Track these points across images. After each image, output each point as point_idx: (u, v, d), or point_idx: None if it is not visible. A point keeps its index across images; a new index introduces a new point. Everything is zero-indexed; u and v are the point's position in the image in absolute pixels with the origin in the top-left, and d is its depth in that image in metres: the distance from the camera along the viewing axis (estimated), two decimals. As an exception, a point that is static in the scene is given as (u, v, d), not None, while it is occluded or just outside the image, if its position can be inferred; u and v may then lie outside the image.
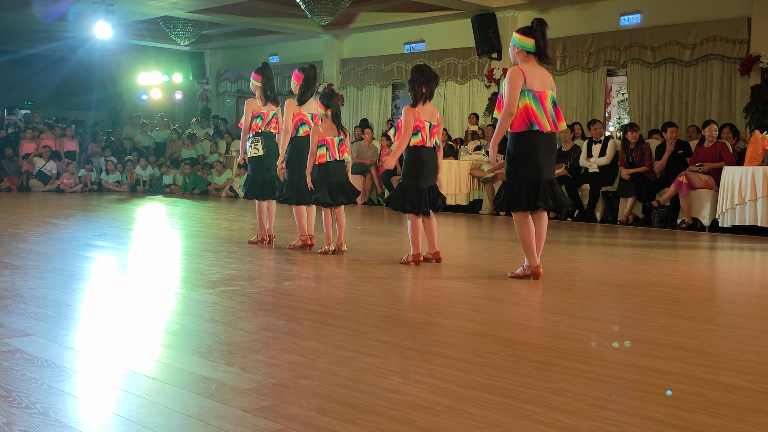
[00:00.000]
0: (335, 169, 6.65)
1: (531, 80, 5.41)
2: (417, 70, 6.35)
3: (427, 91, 6.27)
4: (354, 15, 15.89)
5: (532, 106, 5.38)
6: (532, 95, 5.40)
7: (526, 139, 5.43)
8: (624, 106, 14.75)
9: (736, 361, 3.44)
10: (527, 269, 5.58)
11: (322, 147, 6.61)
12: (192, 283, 5.31)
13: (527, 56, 5.49)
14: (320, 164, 6.66)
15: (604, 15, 13.09)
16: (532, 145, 5.44)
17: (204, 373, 3.07)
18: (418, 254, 6.28)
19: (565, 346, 3.64)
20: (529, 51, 5.47)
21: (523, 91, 5.39)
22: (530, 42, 5.45)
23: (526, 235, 5.53)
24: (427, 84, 6.27)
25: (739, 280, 6.34)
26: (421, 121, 6.19)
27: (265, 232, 7.46)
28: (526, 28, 5.52)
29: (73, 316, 4.13)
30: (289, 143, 6.99)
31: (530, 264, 5.57)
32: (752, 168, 9.03)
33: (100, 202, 13.34)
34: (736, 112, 11.63)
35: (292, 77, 7.20)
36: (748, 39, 11.45)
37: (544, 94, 5.45)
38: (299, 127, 6.96)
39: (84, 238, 7.80)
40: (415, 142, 6.17)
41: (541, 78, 5.47)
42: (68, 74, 20.23)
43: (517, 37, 5.52)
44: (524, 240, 5.55)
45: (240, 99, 21.19)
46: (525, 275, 5.59)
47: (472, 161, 12.85)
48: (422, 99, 6.25)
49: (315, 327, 3.94)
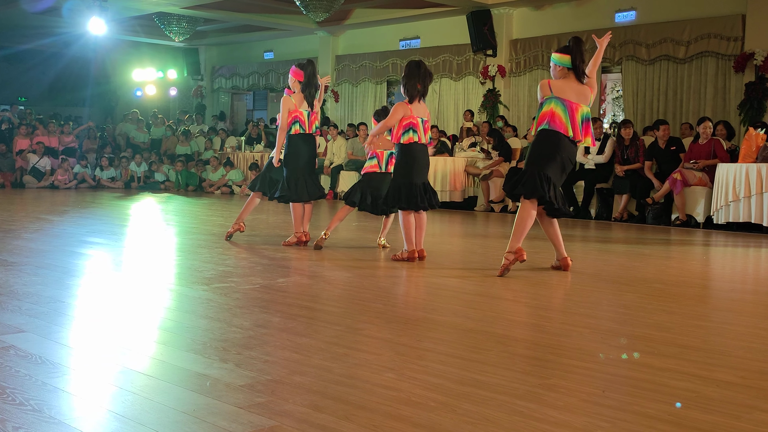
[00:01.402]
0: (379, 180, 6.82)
1: (562, 90, 5.61)
2: (414, 66, 6.34)
3: (422, 88, 6.27)
4: (349, 11, 15.88)
5: (558, 111, 5.58)
6: (561, 103, 5.58)
7: (547, 136, 5.61)
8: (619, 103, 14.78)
9: (730, 358, 3.45)
10: (510, 255, 5.58)
11: (372, 159, 6.85)
12: (186, 280, 5.31)
13: (567, 73, 5.69)
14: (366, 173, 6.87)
15: (598, 12, 13.11)
16: (554, 142, 5.60)
17: (198, 370, 3.07)
18: (413, 251, 6.28)
19: (559, 343, 3.65)
20: (568, 67, 5.66)
21: (549, 99, 5.62)
22: (567, 58, 5.66)
23: (525, 221, 5.61)
24: (422, 81, 6.27)
25: (733, 276, 6.36)
26: (414, 118, 6.20)
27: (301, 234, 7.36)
28: (563, 47, 5.75)
29: (67, 313, 4.13)
30: (286, 141, 6.98)
31: (511, 248, 5.60)
32: (746, 165, 9.05)
33: (95, 198, 13.31)
34: (731, 109, 11.66)
35: (289, 73, 7.16)
36: (742, 36, 11.48)
37: (577, 106, 5.61)
38: (293, 125, 6.94)
39: (78, 235, 7.78)
40: (408, 140, 6.19)
41: (579, 91, 5.64)
42: (62, 70, 20.18)
43: (556, 55, 5.76)
44: (521, 225, 5.61)
45: (235, 95, 21.17)
46: (510, 263, 5.57)
47: (467, 158, 12.85)
48: (417, 96, 6.25)
49: (310, 323, 3.95)
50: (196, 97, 20.90)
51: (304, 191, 6.94)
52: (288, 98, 7.02)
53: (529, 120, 13.65)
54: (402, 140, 6.20)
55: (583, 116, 5.62)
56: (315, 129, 7.06)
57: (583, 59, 5.65)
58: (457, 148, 13.37)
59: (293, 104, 6.96)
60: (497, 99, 14.44)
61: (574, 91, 5.62)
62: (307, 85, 7.02)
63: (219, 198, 14.34)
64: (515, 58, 14.31)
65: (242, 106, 21.82)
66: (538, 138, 5.70)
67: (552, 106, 5.59)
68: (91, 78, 20.26)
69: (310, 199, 7.06)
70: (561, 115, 5.56)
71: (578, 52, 5.62)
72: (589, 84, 5.68)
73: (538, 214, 5.76)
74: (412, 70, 6.29)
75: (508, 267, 5.59)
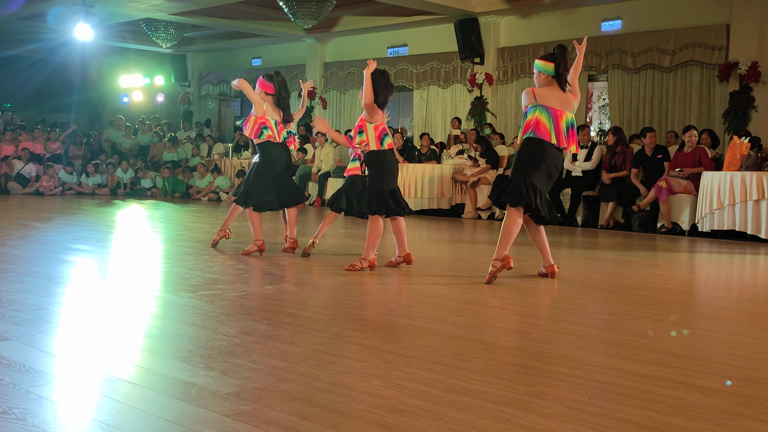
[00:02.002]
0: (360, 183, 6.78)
1: (546, 98, 5.62)
2: (377, 74, 6.22)
3: (384, 100, 6.23)
4: (337, 18, 15.90)
5: (543, 119, 5.60)
6: (546, 111, 5.60)
7: (534, 143, 5.63)
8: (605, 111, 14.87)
9: (714, 365, 3.47)
10: (497, 263, 5.60)
11: (355, 161, 6.81)
12: (172, 287, 5.28)
13: (551, 80, 5.71)
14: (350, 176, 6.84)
15: (585, 20, 13.19)
16: (541, 149, 5.62)
17: (184, 378, 3.06)
18: (373, 260, 6.21)
19: (546, 350, 3.66)
20: (552, 75, 5.69)
21: (533, 106, 5.64)
22: (550, 66, 5.68)
23: (512, 229, 5.62)
24: (386, 91, 6.21)
25: (717, 284, 6.40)
26: (384, 126, 6.20)
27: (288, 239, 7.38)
28: (548, 55, 5.76)
29: (51, 320, 4.10)
30: (260, 147, 6.95)
31: (498, 256, 5.61)
32: (731, 173, 9.11)
33: (80, 205, 13.25)
34: (715, 118, 11.75)
35: (257, 84, 7.09)
36: (726, 46, 11.58)
37: (561, 113, 5.63)
38: (263, 130, 6.87)
39: (63, 242, 7.74)
40: (388, 144, 6.16)
41: (563, 99, 5.66)
42: (48, 76, 20.08)
43: (540, 63, 5.76)
44: (507, 233, 5.62)
45: (222, 102, 21.14)
46: (497, 270, 5.58)
47: (454, 165, 12.88)
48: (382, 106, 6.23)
49: (296, 331, 3.94)
50: (183, 104, 20.86)
51: (273, 199, 6.89)
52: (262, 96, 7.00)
53: (516, 128, 13.70)
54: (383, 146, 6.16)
55: (567, 123, 5.65)
56: (284, 138, 6.99)
57: (566, 68, 5.67)
58: (444, 156, 13.40)
59: (263, 111, 6.90)
60: (485, 107, 14.50)
61: (557, 98, 5.65)
62: (279, 97, 6.97)
63: (206, 205, 14.30)
64: (502, 66, 14.37)
65: (230, 113, 21.80)
66: (523, 146, 5.72)
67: (536, 114, 5.61)
68: (77, 84, 20.18)
69: (281, 207, 7.02)
70: (545, 122, 5.59)
71: (562, 60, 5.64)
72: (572, 91, 5.71)
73: (525, 221, 5.79)
74: (378, 78, 6.21)
75: (495, 274, 5.60)
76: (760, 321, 4.67)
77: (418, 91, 15.86)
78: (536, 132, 5.59)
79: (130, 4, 13.82)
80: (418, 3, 13.28)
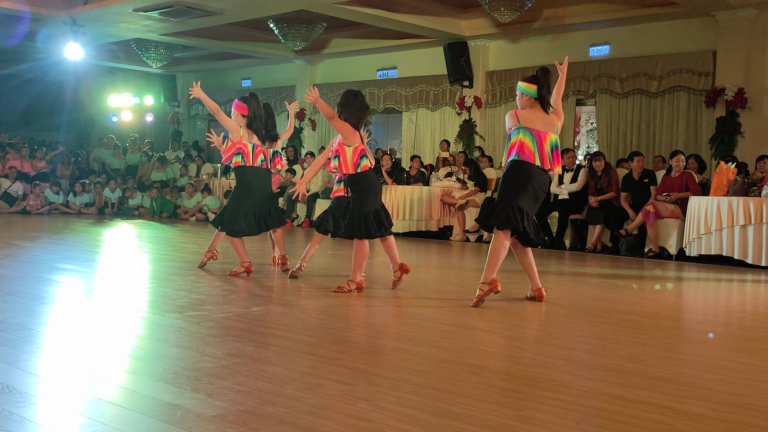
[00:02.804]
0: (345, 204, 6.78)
1: (530, 120, 5.64)
2: (351, 95, 6.20)
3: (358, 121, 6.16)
4: (327, 41, 15.98)
5: (527, 141, 5.61)
6: (530, 133, 5.61)
7: (520, 166, 5.63)
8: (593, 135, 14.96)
9: (701, 390, 3.47)
10: (484, 286, 5.58)
11: (340, 183, 6.81)
12: (159, 308, 5.25)
13: (533, 102, 5.73)
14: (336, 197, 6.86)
15: (573, 45, 13.30)
16: (527, 172, 5.63)
17: (169, 400, 3.03)
18: (361, 281, 6.19)
19: (533, 374, 3.65)
20: (534, 97, 5.71)
21: (517, 129, 5.64)
22: (533, 88, 5.70)
23: (499, 253, 5.61)
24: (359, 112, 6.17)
25: (705, 309, 6.41)
26: (363, 147, 6.15)
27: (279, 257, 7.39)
28: (530, 77, 5.78)
29: (35, 341, 4.06)
30: (236, 171, 6.90)
31: (485, 280, 5.59)
32: (717, 198, 9.17)
33: (67, 224, 13.17)
34: (702, 143, 11.84)
35: (233, 107, 7.06)
36: (713, 72, 11.70)
37: (545, 135, 5.64)
38: (234, 156, 6.83)
39: (49, 261, 7.69)
40: (364, 167, 6.13)
41: (546, 120, 5.68)
42: (38, 96, 20.04)
43: (523, 84, 5.79)
44: (492, 256, 5.61)
45: (212, 122, 21.14)
46: (484, 294, 5.56)
47: (443, 188, 12.90)
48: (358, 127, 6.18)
49: (283, 353, 3.92)
50: (173, 124, 20.84)
51: (250, 224, 6.84)
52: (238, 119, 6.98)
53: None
54: (359, 169, 6.14)
55: (551, 145, 5.66)
56: (260, 162, 6.92)
57: (549, 90, 5.68)
58: (433, 178, 13.42)
59: (239, 136, 6.85)
60: (473, 129, 14.56)
61: (541, 120, 5.66)
62: (251, 120, 6.93)
63: (193, 225, 14.25)
64: (491, 90, 14.46)
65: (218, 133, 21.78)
66: (508, 169, 5.72)
67: (520, 136, 5.63)
68: (67, 103, 20.14)
69: (258, 232, 6.98)
70: (530, 145, 5.60)
71: (545, 83, 5.66)
72: (555, 112, 5.72)
73: (513, 244, 5.79)
74: (349, 99, 6.16)
75: (482, 298, 5.59)
76: (747, 346, 4.68)
77: (407, 114, 15.93)
78: (521, 154, 5.60)
79: (121, 24, 13.85)
80: (407, 26, 13.37)
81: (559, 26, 12.89)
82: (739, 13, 11.27)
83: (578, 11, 12.46)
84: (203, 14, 12.66)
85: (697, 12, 11.54)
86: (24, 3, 12.58)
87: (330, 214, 6.85)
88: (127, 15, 13.02)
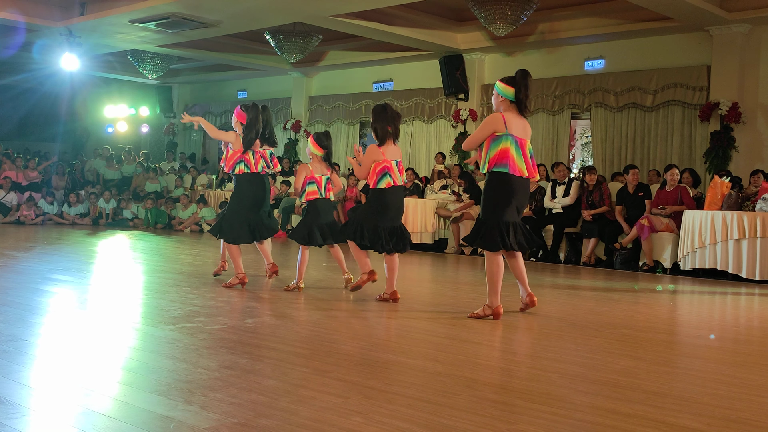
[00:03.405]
0: (324, 208, 6.77)
1: (513, 126, 5.51)
2: (380, 109, 6.33)
3: (392, 130, 6.30)
4: (323, 53, 16.02)
5: (512, 151, 5.49)
6: (514, 141, 5.50)
7: (504, 179, 5.53)
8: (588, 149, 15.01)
9: (695, 404, 3.47)
10: (487, 309, 5.60)
11: (312, 184, 6.73)
12: (153, 319, 5.23)
13: (510, 105, 5.61)
14: (309, 201, 6.78)
15: (568, 59, 13.36)
16: (510, 185, 5.54)
17: (162, 412, 3.02)
18: (372, 271, 6.36)
19: (528, 387, 3.65)
20: (511, 100, 5.58)
21: (504, 135, 5.49)
22: (511, 91, 5.57)
23: (495, 275, 5.56)
24: (392, 123, 6.30)
25: (699, 323, 6.41)
26: (388, 162, 6.20)
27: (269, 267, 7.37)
28: (509, 78, 5.63)
29: (28, 352, 4.04)
30: (236, 178, 6.95)
31: (491, 304, 5.59)
32: (712, 212, 9.19)
33: (61, 235, 13.14)
34: (696, 157, 11.88)
35: (234, 114, 7.12)
36: (707, 86, 11.76)
37: (525, 142, 5.58)
38: (237, 164, 6.89)
39: (43, 272, 7.66)
40: (385, 184, 6.17)
41: (523, 126, 5.60)
42: (34, 106, 20.03)
43: (500, 85, 5.64)
44: (492, 280, 5.58)
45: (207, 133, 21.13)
46: (485, 315, 5.61)
47: (438, 200, 12.92)
48: (389, 138, 6.27)
49: (277, 365, 3.91)
50: (168, 135, 20.84)
51: (246, 232, 6.86)
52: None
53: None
54: (379, 186, 6.20)
55: (529, 151, 5.59)
56: (261, 168, 6.97)
57: (527, 93, 5.55)
58: (428, 190, 13.44)
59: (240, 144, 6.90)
60: (468, 142, 14.57)
61: (520, 125, 5.55)
62: (248, 128, 6.90)
63: (188, 236, 14.22)
64: (486, 103, 14.49)
65: (214, 145, 21.78)
66: (493, 182, 5.57)
67: (507, 144, 5.47)
68: (62, 114, 20.12)
69: (252, 240, 6.97)
70: (515, 155, 5.48)
71: (524, 85, 5.53)
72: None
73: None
74: (379, 114, 6.30)
75: (480, 316, 5.59)
76: (741, 361, 4.68)
77: (403, 126, 15.92)
78: (504, 165, 5.47)
79: (117, 35, 13.86)
80: (403, 39, 13.41)
81: (555, 40, 12.94)
82: (734, 28, 11.33)
83: (573, 25, 12.52)
84: (199, 26, 12.69)
85: (691, 27, 11.60)
86: (20, 13, 12.59)
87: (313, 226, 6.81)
88: (123, 26, 13.04)
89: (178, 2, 11.39)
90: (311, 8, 11.42)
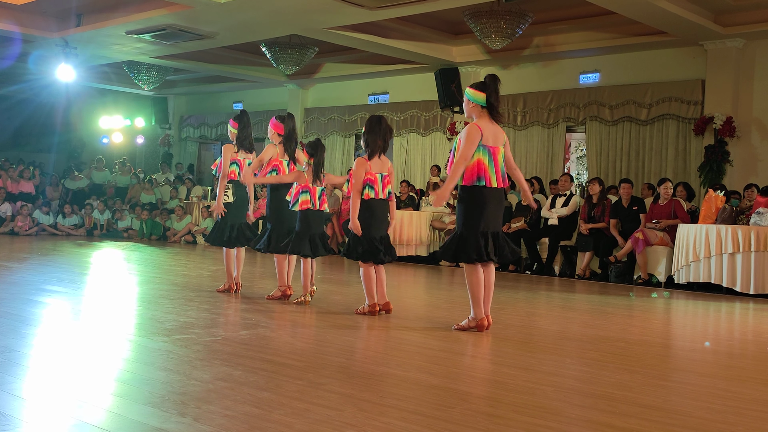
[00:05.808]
0: (316, 219, 6.72)
1: (486, 136, 5.47)
2: (375, 122, 6.29)
3: (382, 144, 6.27)
4: (319, 65, 16.06)
5: (485, 162, 5.46)
6: (487, 151, 5.47)
7: (477, 192, 5.49)
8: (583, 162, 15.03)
9: (690, 418, 3.47)
10: (472, 321, 5.60)
11: (305, 193, 6.67)
12: (146, 331, 5.22)
13: (481, 111, 5.56)
14: (302, 210, 6.70)
15: (563, 73, 13.41)
16: (482, 198, 5.50)
17: (156, 424, 3.00)
18: (374, 304, 6.25)
19: (522, 401, 3.64)
20: (482, 106, 5.55)
21: (481, 147, 5.45)
22: (482, 96, 5.53)
23: (476, 287, 5.55)
24: (383, 137, 6.27)
25: (693, 336, 6.42)
26: (372, 174, 6.19)
27: (232, 281, 7.34)
28: (479, 83, 5.59)
29: (21, 363, 4.03)
30: (270, 191, 7.00)
31: (476, 316, 5.59)
32: (706, 226, 9.21)
33: (55, 246, 13.11)
34: (691, 171, 11.92)
35: (269, 126, 7.15)
36: (702, 100, 11.81)
37: (497, 149, 5.53)
38: (270, 173, 6.97)
39: (36, 282, 7.64)
40: (366, 196, 6.17)
41: (495, 134, 5.54)
42: (29, 116, 20.02)
43: (470, 91, 5.60)
44: (473, 292, 5.57)
45: (202, 145, 21.16)
46: (470, 327, 5.60)
47: (432, 212, 12.93)
48: (378, 152, 6.24)
49: (271, 378, 3.89)
50: (164, 146, 20.83)
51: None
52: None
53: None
54: (363, 196, 6.20)
55: (502, 159, 5.55)
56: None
57: (498, 98, 5.51)
58: (423, 203, 13.45)
59: (275, 153, 6.99)
60: (464, 155, 14.59)
61: (492, 133, 5.50)
62: (288, 139, 7.02)
63: (183, 247, 14.20)
64: (482, 116, 14.52)
65: (210, 156, 21.80)
66: (466, 197, 5.53)
67: (480, 156, 5.44)
68: (57, 125, 20.11)
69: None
70: (487, 165, 5.44)
71: (494, 90, 5.49)
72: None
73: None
74: (374, 126, 6.27)
75: (464, 329, 5.59)
76: (735, 374, 4.69)
77: (398, 139, 15.98)
78: (481, 179, 5.43)
79: (113, 46, 13.87)
80: (399, 52, 13.46)
81: (550, 54, 12.99)
82: (728, 42, 11.40)
83: (569, 39, 12.57)
84: (195, 38, 12.71)
85: (686, 41, 11.66)
86: (16, 24, 12.60)
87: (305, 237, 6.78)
88: (119, 37, 13.05)
89: (174, 14, 11.41)
90: (307, 21, 11.46)
